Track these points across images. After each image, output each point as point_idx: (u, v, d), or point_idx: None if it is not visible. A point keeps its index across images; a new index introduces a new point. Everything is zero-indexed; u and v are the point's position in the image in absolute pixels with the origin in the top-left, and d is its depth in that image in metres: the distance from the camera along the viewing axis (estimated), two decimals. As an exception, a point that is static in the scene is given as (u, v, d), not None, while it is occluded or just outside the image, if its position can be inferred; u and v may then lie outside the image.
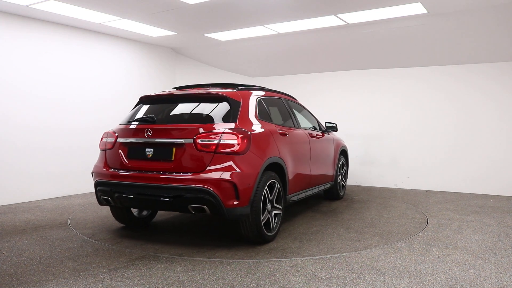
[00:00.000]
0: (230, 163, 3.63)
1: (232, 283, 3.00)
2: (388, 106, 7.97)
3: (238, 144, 3.67)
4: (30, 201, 6.19)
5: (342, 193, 6.54)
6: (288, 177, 4.40)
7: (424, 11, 5.53)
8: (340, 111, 8.31)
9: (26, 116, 6.17)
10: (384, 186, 7.92)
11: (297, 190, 4.78)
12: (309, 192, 5.20)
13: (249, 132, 3.84)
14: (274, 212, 4.12)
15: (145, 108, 4.34)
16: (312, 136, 5.36)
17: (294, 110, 5.32)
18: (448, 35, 6.35)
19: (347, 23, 6.19)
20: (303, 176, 4.94)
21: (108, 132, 4.30)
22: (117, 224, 4.82)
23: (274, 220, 4.13)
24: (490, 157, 6.98)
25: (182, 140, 3.74)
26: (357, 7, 5.47)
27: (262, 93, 4.64)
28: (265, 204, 3.95)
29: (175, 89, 4.70)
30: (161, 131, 3.88)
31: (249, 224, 3.82)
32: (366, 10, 5.56)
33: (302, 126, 5.63)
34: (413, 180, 7.68)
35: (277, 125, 4.55)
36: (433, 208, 5.76)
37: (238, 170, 3.63)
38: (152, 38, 7.50)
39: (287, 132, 4.60)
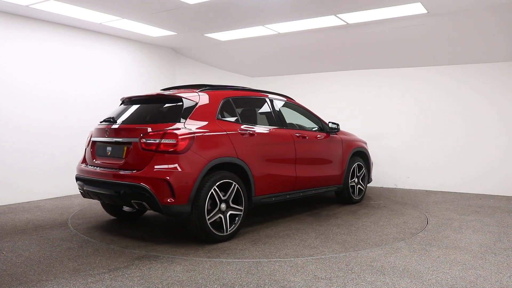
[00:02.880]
0: (168, 161, 3.79)
1: (232, 283, 3.00)
2: (388, 106, 7.97)
3: (176, 144, 3.80)
4: (30, 201, 6.19)
5: (357, 198, 6.14)
6: (254, 178, 4.39)
7: (424, 11, 5.53)
8: (340, 111, 8.30)
9: (26, 116, 6.17)
10: (384, 186, 7.92)
11: (273, 191, 4.69)
12: (297, 195, 5.07)
13: (192, 133, 3.91)
14: (230, 212, 4.13)
15: (120, 108, 4.64)
16: (304, 137, 5.20)
17: (281, 110, 5.22)
18: (448, 35, 6.35)
19: (347, 23, 6.19)
20: (282, 177, 4.81)
21: (90, 131, 4.73)
22: (117, 224, 4.83)
23: (234, 221, 4.17)
24: (490, 157, 6.98)
25: (130, 140, 4.02)
26: (357, 7, 5.47)
27: (233, 93, 4.67)
28: (215, 203, 4.00)
29: (163, 91, 4.78)
30: (116, 131, 4.24)
31: (192, 223, 3.90)
32: (366, 10, 5.55)
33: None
34: (413, 180, 7.68)
35: (247, 125, 4.53)
36: (433, 208, 5.76)
37: (175, 169, 3.75)
38: (152, 38, 7.50)
39: (255, 132, 4.54)
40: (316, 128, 5.70)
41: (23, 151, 6.14)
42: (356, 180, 6.15)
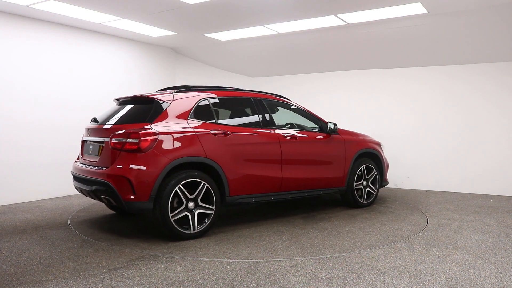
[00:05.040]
0: (130, 160, 3.99)
1: (232, 283, 3.00)
2: (388, 106, 7.97)
3: (139, 143, 3.98)
4: (30, 201, 6.19)
5: (365, 201, 5.83)
6: (228, 178, 4.41)
7: (424, 11, 5.53)
8: (339, 111, 8.30)
9: (26, 116, 6.17)
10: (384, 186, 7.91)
11: (252, 192, 4.66)
12: (284, 196, 4.98)
13: (156, 133, 4.06)
14: (198, 211, 4.19)
15: (107, 109, 4.93)
16: (294, 137, 5.09)
17: (270, 111, 5.14)
18: (448, 35, 6.35)
19: (347, 23, 6.19)
20: (265, 178, 4.74)
21: None
22: (117, 224, 4.83)
23: (204, 220, 4.25)
24: (490, 157, 6.98)
25: (104, 139, 4.29)
26: (357, 7, 5.47)
27: (212, 93, 4.70)
28: (181, 202, 4.11)
29: (160, 91, 4.84)
30: (95, 131, 4.54)
31: (155, 219, 4.07)
32: (366, 10, 5.55)
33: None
34: (413, 180, 7.68)
35: (223, 125, 4.55)
36: (433, 208, 5.76)
37: (136, 167, 3.95)
38: (152, 38, 7.50)
39: (231, 133, 4.53)
40: (317, 129, 5.56)
41: (23, 150, 6.14)
42: (365, 183, 5.86)
